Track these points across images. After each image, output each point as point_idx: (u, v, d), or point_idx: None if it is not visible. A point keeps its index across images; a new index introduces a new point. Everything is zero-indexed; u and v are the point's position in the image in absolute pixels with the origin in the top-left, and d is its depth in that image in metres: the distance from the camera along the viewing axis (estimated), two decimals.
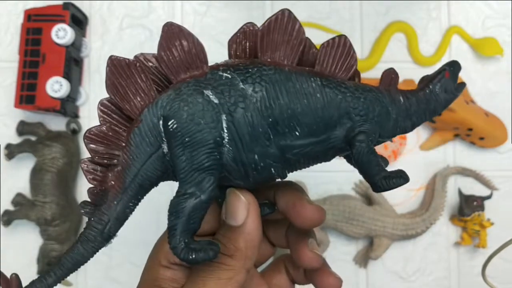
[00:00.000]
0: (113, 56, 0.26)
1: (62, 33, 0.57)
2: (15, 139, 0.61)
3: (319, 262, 0.31)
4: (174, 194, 0.26)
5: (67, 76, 0.58)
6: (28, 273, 0.58)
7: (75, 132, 0.61)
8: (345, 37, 0.27)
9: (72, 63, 0.59)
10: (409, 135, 0.62)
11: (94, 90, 0.63)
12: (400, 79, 0.61)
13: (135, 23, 0.63)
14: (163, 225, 0.25)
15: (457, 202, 0.61)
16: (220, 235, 0.28)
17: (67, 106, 0.59)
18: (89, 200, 0.27)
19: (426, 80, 0.29)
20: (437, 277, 0.62)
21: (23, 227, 0.60)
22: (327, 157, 0.28)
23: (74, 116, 0.61)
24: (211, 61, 0.27)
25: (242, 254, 0.27)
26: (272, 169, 0.27)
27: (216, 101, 0.26)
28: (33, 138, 0.60)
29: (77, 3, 0.61)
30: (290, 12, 0.26)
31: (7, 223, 0.58)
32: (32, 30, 0.58)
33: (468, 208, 0.59)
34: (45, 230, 0.58)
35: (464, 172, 0.61)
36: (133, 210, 0.27)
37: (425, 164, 0.62)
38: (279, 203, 0.30)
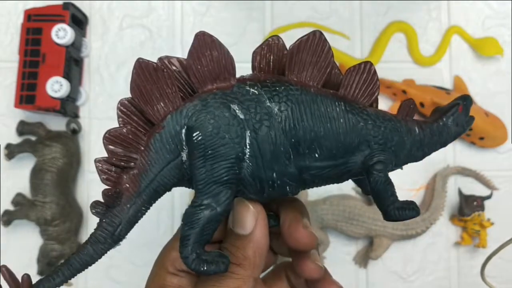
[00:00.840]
0: (140, 59, 0.26)
1: (62, 33, 0.57)
2: (15, 139, 0.61)
3: (320, 274, 0.31)
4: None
5: (67, 76, 0.58)
6: (28, 273, 0.58)
7: (75, 132, 0.61)
8: (371, 63, 0.27)
9: (72, 63, 0.59)
10: None
11: (94, 90, 0.63)
12: (400, 79, 0.62)
13: (135, 23, 0.63)
14: (164, 225, 0.26)
15: (457, 202, 0.61)
16: (228, 243, 0.28)
17: (67, 106, 0.59)
18: (101, 200, 0.27)
19: (439, 113, 0.30)
20: (437, 277, 0.62)
21: (23, 227, 0.60)
22: (340, 180, 0.28)
23: (74, 116, 0.61)
24: None
25: (250, 262, 0.27)
26: (288, 187, 0.27)
27: (242, 116, 0.26)
28: (33, 138, 0.60)
29: (77, 3, 0.61)
30: (321, 34, 0.27)
31: (7, 223, 0.58)
32: (32, 30, 0.58)
33: (468, 208, 0.59)
34: (45, 230, 0.58)
35: (464, 172, 0.61)
36: (144, 214, 0.27)
37: (425, 164, 0.61)
38: (280, 218, 0.30)
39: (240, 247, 0.28)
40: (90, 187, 0.62)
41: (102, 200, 0.27)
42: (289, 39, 0.27)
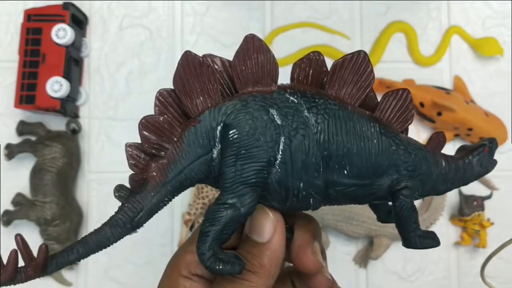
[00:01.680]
0: (188, 52, 0.26)
1: (62, 33, 0.57)
2: (15, 139, 0.61)
3: (328, 285, 0.31)
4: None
5: (67, 76, 0.58)
6: None
7: (75, 132, 0.61)
8: (408, 91, 0.28)
9: (72, 63, 0.59)
10: (409, 135, 0.62)
11: (94, 90, 0.63)
12: (400, 79, 0.62)
13: (135, 23, 0.63)
14: (164, 226, 0.25)
15: (457, 202, 0.61)
16: (244, 250, 0.28)
17: (67, 106, 0.59)
18: (124, 185, 0.27)
19: (466, 151, 0.30)
20: (437, 277, 0.62)
21: (23, 227, 0.60)
22: (363, 201, 0.28)
23: (74, 116, 0.61)
24: None
25: (265, 271, 0.27)
26: (311, 199, 0.27)
27: (279, 122, 0.26)
28: (33, 138, 0.60)
29: (77, 3, 0.61)
30: (366, 54, 0.27)
31: (7, 223, 0.58)
32: (32, 30, 0.58)
33: (468, 208, 0.59)
34: (45, 230, 0.58)
35: None
36: (165, 205, 0.27)
37: None
38: (294, 234, 0.30)
39: (256, 254, 0.27)
40: (90, 187, 0.62)
41: (120, 187, 0.27)
42: (289, 39, 0.27)
